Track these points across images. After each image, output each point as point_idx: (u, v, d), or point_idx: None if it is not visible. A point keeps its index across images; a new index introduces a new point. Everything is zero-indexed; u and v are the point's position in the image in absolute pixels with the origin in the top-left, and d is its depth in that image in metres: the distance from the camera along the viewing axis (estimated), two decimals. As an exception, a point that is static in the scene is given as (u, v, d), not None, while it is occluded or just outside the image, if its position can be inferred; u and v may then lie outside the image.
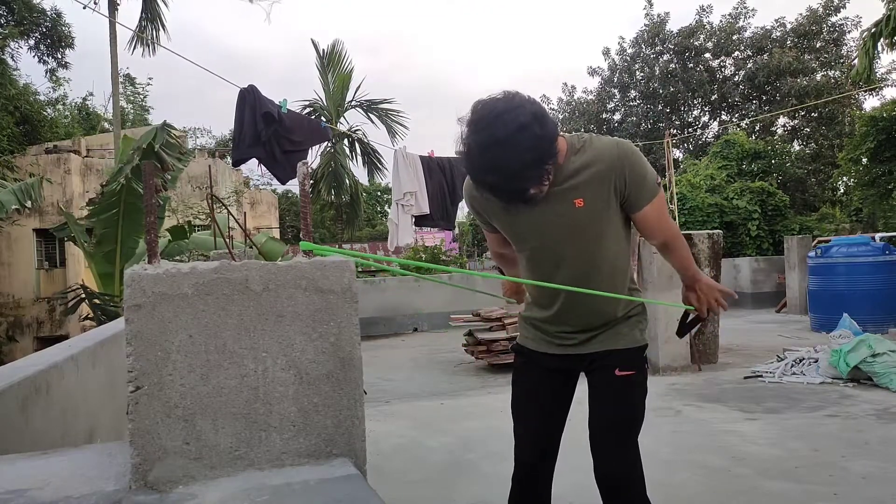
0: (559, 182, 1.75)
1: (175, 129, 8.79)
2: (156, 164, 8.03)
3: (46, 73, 20.01)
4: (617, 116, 26.49)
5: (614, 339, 1.90)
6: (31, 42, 18.90)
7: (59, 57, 19.67)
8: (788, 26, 23.65)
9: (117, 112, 15.16)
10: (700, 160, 20.37)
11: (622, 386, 1.88)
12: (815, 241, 11.76)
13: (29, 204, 10.07)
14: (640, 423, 1.91)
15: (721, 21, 24.57)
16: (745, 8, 24.32)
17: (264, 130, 6.05)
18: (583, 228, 1.80)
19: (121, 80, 16.83)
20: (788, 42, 23.57)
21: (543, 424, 2.00)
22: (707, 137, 25.40)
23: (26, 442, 1.81)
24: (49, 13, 18.73)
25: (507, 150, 1.54)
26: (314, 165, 16.79)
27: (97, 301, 8.78)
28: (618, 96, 26.35)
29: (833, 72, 23.01)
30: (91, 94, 35.73)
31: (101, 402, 2.76)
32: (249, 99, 6.06)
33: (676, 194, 15.37)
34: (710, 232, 7.23)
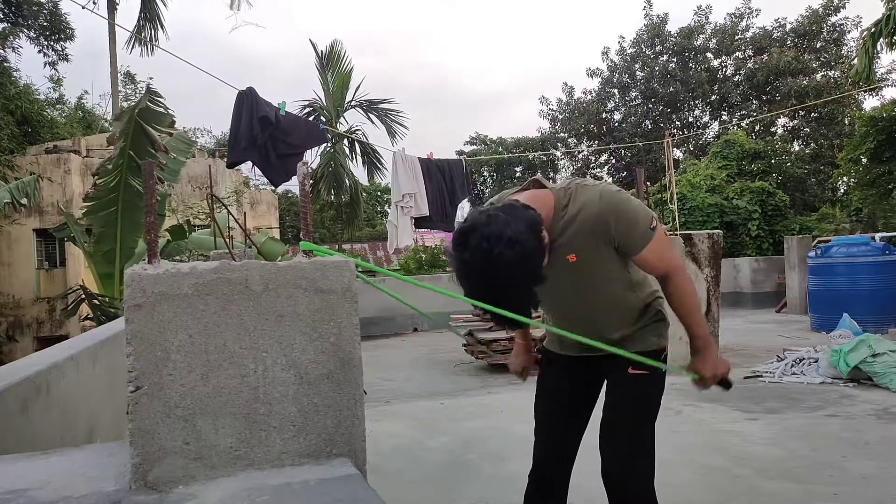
0: (552, 240, 1.74)
1: (161, 96, 8.59)
2: (151, 151, 7.94)
3: (46, 65, 20.00)
4: (617, 116, 26.45)
5: (630, 346, 1.91)
6: (32, 34, 18.83)
7: (60, 49, 19.63)
8: (788, 26, 23.63)
9: (117, 112, 15.17)
10: (700, 160, 20.35)
11: (633, 384, 1.90)
12: (815, 241, 11.74)
13: (24, 201, 10.02)
14: (650, 423, 1.92)
15: (725, 20, 24.55)
16: (750, 8, 24.30)
17: (260, 133, 6.05)
18: (578, 280, 1.84)
19: (121, 78, 16.82)
20: (788, 42, 23.55)
21: (563, 425, 2.03)
22: (707, 137, 25.35)
23: (26, 442, 1.81)
24: (46, 4, 18.68)
25: (493, 277, 1.51)
26: (314, 166, 16.80)
27: (97, 302, 8.77)
28: (618, 96, 26.31)
29: (833, 72, 22.98)
30: (86, 93, 35.66)
31: (101, 402, 2.76)
32: (248, 101, 6.06)
33: (676, 194, 15.34)
34: (710, 232, 7.21)
